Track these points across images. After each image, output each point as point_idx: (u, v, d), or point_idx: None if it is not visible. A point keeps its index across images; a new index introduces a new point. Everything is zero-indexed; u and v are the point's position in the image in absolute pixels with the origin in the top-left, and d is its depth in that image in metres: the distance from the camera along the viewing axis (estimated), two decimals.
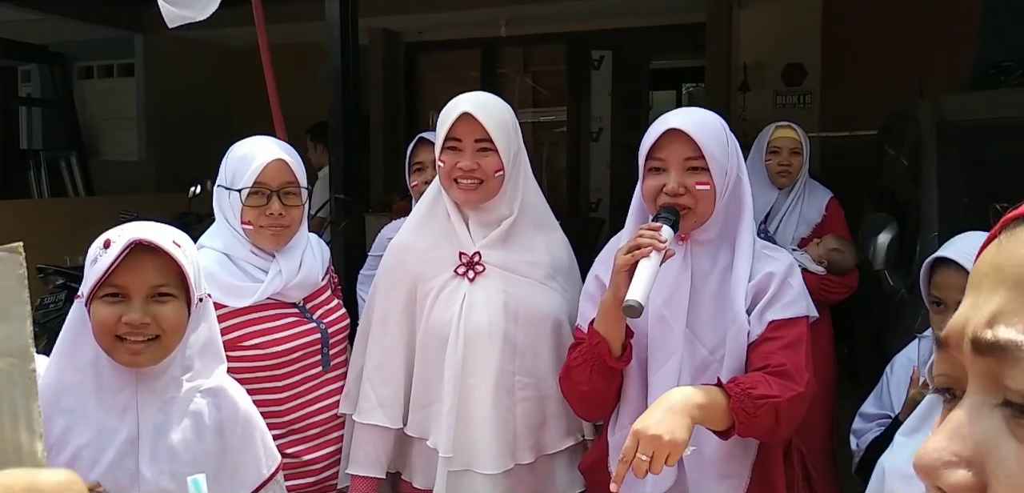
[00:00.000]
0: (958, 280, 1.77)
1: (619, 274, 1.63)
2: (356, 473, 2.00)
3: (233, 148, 2.01)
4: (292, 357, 1.95)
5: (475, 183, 1.91)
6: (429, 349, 1.96)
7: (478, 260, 1.95)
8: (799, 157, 3.26)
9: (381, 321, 2.00)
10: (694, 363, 1.73)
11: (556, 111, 7.64)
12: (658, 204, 1.72)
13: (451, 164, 1.91)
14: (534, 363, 1.95)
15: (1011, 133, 3.48)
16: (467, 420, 1.92)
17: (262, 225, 1.94)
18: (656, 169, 1.73)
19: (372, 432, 1.99)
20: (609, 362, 1.71)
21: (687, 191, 1.70)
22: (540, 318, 1.95)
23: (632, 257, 1.61)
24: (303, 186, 2.01)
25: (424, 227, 2.01)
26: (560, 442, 1.99)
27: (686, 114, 1.75)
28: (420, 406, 1.99)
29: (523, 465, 1.96)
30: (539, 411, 1.96)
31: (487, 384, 1.91)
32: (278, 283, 1.95)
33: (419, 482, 2.02)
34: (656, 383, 1.72)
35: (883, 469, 1.57)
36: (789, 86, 6.75)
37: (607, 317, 1.69)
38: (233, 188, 1.94)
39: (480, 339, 1.91)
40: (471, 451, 1.92)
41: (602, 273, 1.83)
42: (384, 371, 1.98)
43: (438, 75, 7.73)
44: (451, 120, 1.90)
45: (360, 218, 3.50)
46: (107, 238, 1.44)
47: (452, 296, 1.94)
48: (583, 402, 1.83)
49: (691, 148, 1.69)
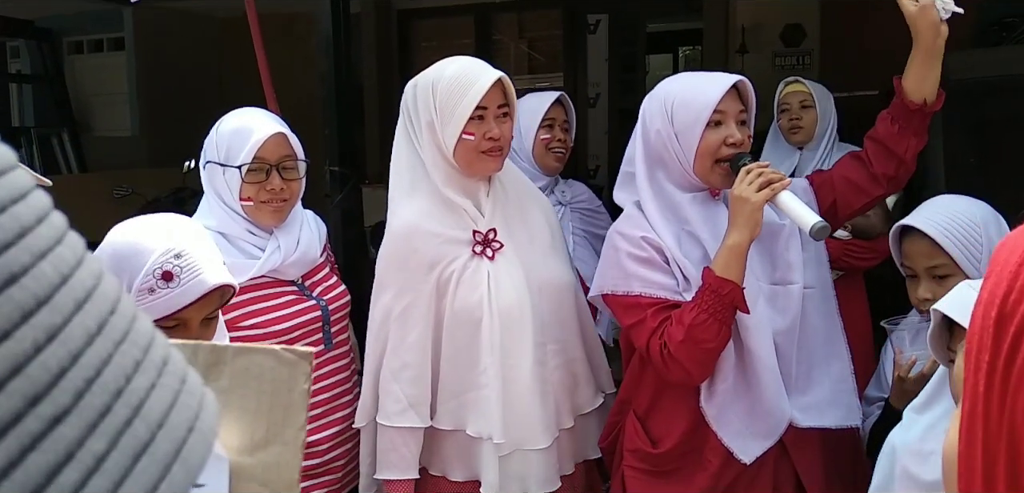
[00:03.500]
0: (925, 247, 1.73)
1: (758, 211, 1.67)
2: (392, 477, 1.93)
3: (222, 123, 1.95)
4: (293, 336, 1.91)
5: (499, 151, 1.88)
6: (458, 336, 1.88)
7: (494, 237, 1.91)
8: (811, 111, 3.15)
9: (403, 316, 1.88)
10: (765, 296, 1.79)
11: (552, 77, 7.55)
12: (720, 156, 1.77)
13: (481, 135, 1.85)
14: (560, 330, 1.96)
15: (1016, 90, 3.43)
16: (513, 401, 1.87)
17: (263, 200, 1.89)
18: (717, 122, 1.77)
19: (404, 434, 1.91)
20: (741, 308, 1.71)
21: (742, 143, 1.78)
22: (560, 286, 1.96)
23: (771, 192, 1.65)
24: (300, 159, 1.96)
25: (426, 210, 1.90)
26: (593, 400, 2.04)
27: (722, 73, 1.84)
28: (452, 396, 1.91)
29: (565, 430, 1.97)
30: (570, 375, 1.98)
31: (526, 360, 1.87)
32: (277, 258, 1.91)
33: (458, 475, 1.95)
34: (754, 325, 1.75)
35: (893, 446, 1.53)
36: (788, 47, 6.67)
37: (739, 259, 1.69)
38: (230, 164, 1.88)
39: (512, 317, 1.87)
40: (520, 431, 1.88)
41: (645, 233, 1.81)
42: (412, 369, 1.89)
43: (432, 43, 7.63)
44: (483, 89, 1.82)
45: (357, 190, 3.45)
46: (165, 269, 1.35)
47: (475, 277, 1.88)
48: (704, 362, 1.74)
49: (743, 102, 1.80)
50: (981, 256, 1.67)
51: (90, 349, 0.32)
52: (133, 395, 0.33)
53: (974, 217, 1.72)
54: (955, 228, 1.70)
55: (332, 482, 2.02)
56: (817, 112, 3.17)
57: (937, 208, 1.76)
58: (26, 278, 0.31)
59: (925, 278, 1.73)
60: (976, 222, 1.71)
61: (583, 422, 2.03)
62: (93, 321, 0.33)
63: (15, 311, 0.30)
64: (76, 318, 0.32)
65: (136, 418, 0.33)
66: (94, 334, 0.33)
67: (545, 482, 1.91)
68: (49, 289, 0.32)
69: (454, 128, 1.84)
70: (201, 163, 1.95)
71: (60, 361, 0.31)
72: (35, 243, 0.32)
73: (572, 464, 2.02)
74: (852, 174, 1.87)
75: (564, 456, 1.98)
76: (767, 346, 1.74)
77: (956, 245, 1.69)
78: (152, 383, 0.34)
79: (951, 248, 1.68)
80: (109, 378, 0.32)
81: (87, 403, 0.31)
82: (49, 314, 0.31)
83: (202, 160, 1.95)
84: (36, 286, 0.31)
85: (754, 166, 1.71)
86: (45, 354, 0.30)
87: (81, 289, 0.33)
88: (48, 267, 0.32)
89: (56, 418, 0.30)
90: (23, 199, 0.33)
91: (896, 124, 1.81)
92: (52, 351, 0.31)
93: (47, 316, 0.31)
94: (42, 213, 0.34)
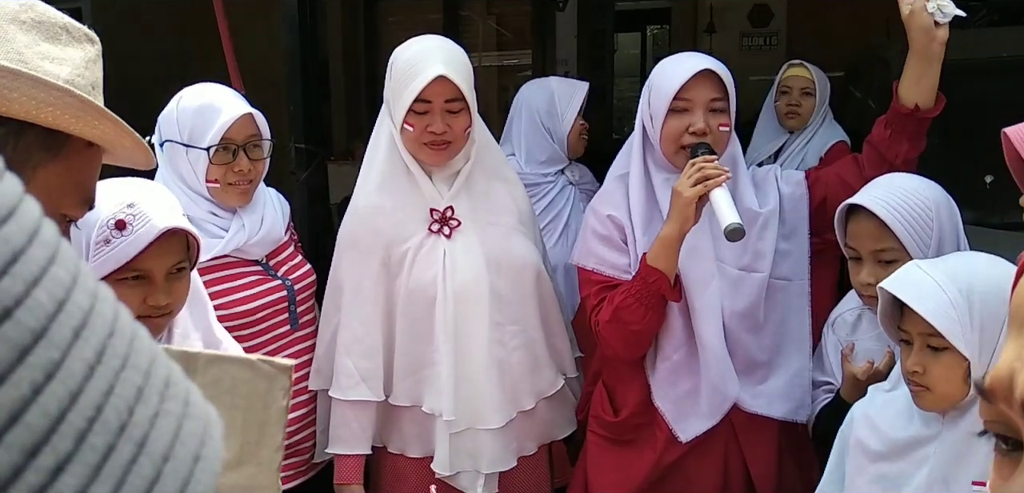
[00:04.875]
0: (872, 228, 1.62)
1: (689, 206, 1.67)
2: (341, 452, 1.93)
3: (183, 99, 1.87)
4: (258, 317, 1.88)
5: (445, 145, 1.83)
6: (413, 313, 1.89)
7: (451, 215, 1.89)
8: (810, 99, 3.11)
9: (354, 291, 1.91)
10: (728, 282, 1.80)
11: (521, 54, 7.52)
12: (681, 144, 1.76)
13: (421, 128, 1.82)
14: (521, 311, 1.94)
15: (980, 73, 3.47)
16: (466, 379, 1.88)
17: (230, 182, 1.84)
18: (680, 110, 1.76)
19: (356, 408, 1.91)
20: (668, 296, 1.76)
21: (709, 132, 1.74)
22: (522, 266, 1.94)
23: (703, 188, 1.66)
24: (266, 138, 1.91)
25: (386, 187, 1.91)
26: (555, 383, 2.01)
27: (706, 56, 1.81)
28: (408, 373, 1.92)
29: (524, 412, 1.96)
30: (531, 356, 1.96)
31: (481, 340, 1.88)
32: (241, 237, 1.87)
33: (414, 451, 1.97)
34: (701, 308, 1.79)
35: (852, 417, 1.55)
36: (755, 27, 6.71)
37: (669, 251, 1.72)
38: (196, 145, 1.82)
39: (468, 295, 1.87)
40: (473, 409, 1.89)
41: (611, 212, 1.86)
42: (364, 344, 1.90)
43: (399, 17, 7.54)
44: (422, 82, 1.78)
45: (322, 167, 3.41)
46: (118, 217, 1.36)
47: (431, 255, 1.88)
48: (631, 342, 1.82)
49: (717, 89, 1.76)
50: (930, 241, 1.59)
51: (90, 383, 0.29)
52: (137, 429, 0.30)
53: (926, 199, 1.61)
54: (905, 210, 1.60)
55: (298, 463, 2.00)
56: (816, 100, 3.15)
57: (887, 187, 1.65)
58: (21, 311, 0.28)
59: (869, 261, 1.64)
60: (928, 205, 1.61)
61: (546, 404, 2.02)
62: (92, 350, 0.30)
63: (11, 351, 0.27)
64: (75, 349, 0.29)
65: (141, 454, 0.30)
66: (94, 365, 0.29)
67: (498, 462, 1.92)
68: (45, 320, 0.28)
69: (398, 116, 1.84)
70: (157, 140, 1.88)
71: (60, 402, 0.28)
72: (28, 269, 0.28)
73: (534, 445, 2.01)
74: (847, 174, 1.87)
75: (523, 437, 1.98)
76: (712, 329, 1.78)
77: (906, 228, 1.58)
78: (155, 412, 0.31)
79: (900, 231, 1.58)
80: (111, 414, 0.29)
81: (89, 445, 0.28)
82: (46, 349, 0.28)
83: (158, 137, 1.88)
84: (32, 319, 0.28)
85: (698, 160, 1.70)
86: (44, 396, 0.27)
87: (78, 313, 0.30)
88: (43, 295, 0.29)
89: (58, 468, 0.27)
90: (12, 216, 0.29)
91: (888, 129, 1.80)
92: (51, 391, 0.28)
93: (45, 352, 0.28)
94: (33, 229, 0.30)
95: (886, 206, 1.61)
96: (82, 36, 1.00)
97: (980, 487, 1.30)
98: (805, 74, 3.16)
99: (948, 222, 1.62)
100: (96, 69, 1.01)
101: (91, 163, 1.00)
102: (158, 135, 1.89)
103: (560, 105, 2.71)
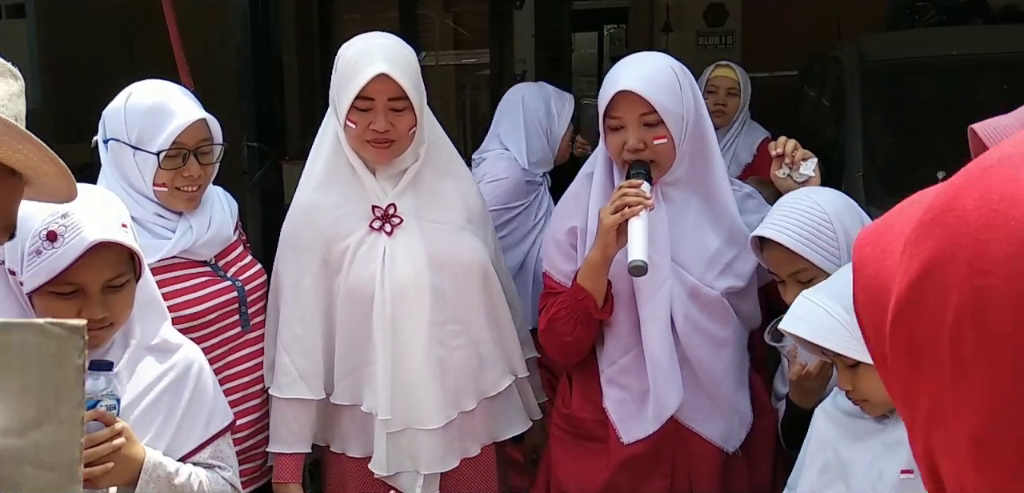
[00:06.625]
0: (781, 254, 1.67)
1: (608, 233, 1.69)
2: (280, 450, 1.91)
3: (132, 98, 1.80)
4: (208, 318, 1.83)
5: (388, 143, 1.80)
6: (352, 311, 1.87)
7: (393, 212, 1.86)
8: (735, 98, 3.24)
9: (293, 289, 1.88)
10: (685, 289, 1.78)
11: (478, 53, 7.49)
12: (623, 160, 1.76)
13: (363, 126, 1.79)
14: (464, 311, 1.91)
15: (932, 72, 3.55)
16: (403, 378, 1.85)
17: (178, 187, 1.78)
18: (614, 127, 1.75)
19: (294, 406, 1.89)
20: (595, 315, 1.78)
21: (646, 146, 1.73)
22: (466, 266, 1.91)
23: (621, 216, 1.66)
24: (218, 143, 1.86)
25: (328, 184, 1.88)
26: (500, 383, 1.98)
27: (636, 70, 1.77)
28: (348, 372, 1.90)
29: (465, 413, 1.93)
30: (475, 356, 1.93)
31: (419, 339, 1.85)
32: (188, 238, 1.82)
33: (355, 450, 1.95)
34: (648, 315, 1.78)
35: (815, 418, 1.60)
36: (711, 27, 6.78)
37: (594, 273, 1.74)
38: (144, 149, 1.75)
39: (407, 293, 1.84)
40: (410, 409, 1.86)
41: (572, 221, 1.87)
42: (302, 342, 1.88)
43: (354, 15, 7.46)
44: (363, 80, 1.75)
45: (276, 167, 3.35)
46: (50, 228, 1.33)
47: (371, 252, 1.85)
48: (565, 351, 1.88)
49: (644, 105, 1.72)
50: (838, 251, 1.62)
51: None
52: None
53: (823, 212, 1.65)
54: (805, 229, 1.63)
55: (252, 470, 1.95)
56: (741, 100, 3.24)
57: (785, 211, 1.69)
58: None
59: (791, 283, 1.67)
60: (826, 217, 1.64)
61: (490, 404, 1.99)
62: None
63: None
64: None
65: None
66: None
67: (437, 462, 1.90)
68: None
69: (341, 113, 1.81)
70: (101, 137, 1.81)
71: None
72: None
73: (477, 446, 1.99)
74: None
75: (466, 438, 1.96)
76: (657, 336, 1.77)
77: (809, 247, 1.62)
78: None
79: (805, 251, 1.62)
80: None
81: None
82: None
83: (103, 134, 1.81)
84: None
85: (624, 185, 1.70)
86: None
87: None
88: None
89: None
90: None
91: None
92: None
93: None
94: None
95: (785, 232, 1.65)
96: (6, 71, 1.02)
97: (907, 475, 1.38)
98: (731, 75, 3.28)
99: (852, 226, 1.64)
100: (20, 103, 1.03)
101: (12, 192, 1.01)
102: (102, 131, 1.82)
103: (556, 108, 2.85)
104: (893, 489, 1.40)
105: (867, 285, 0.47)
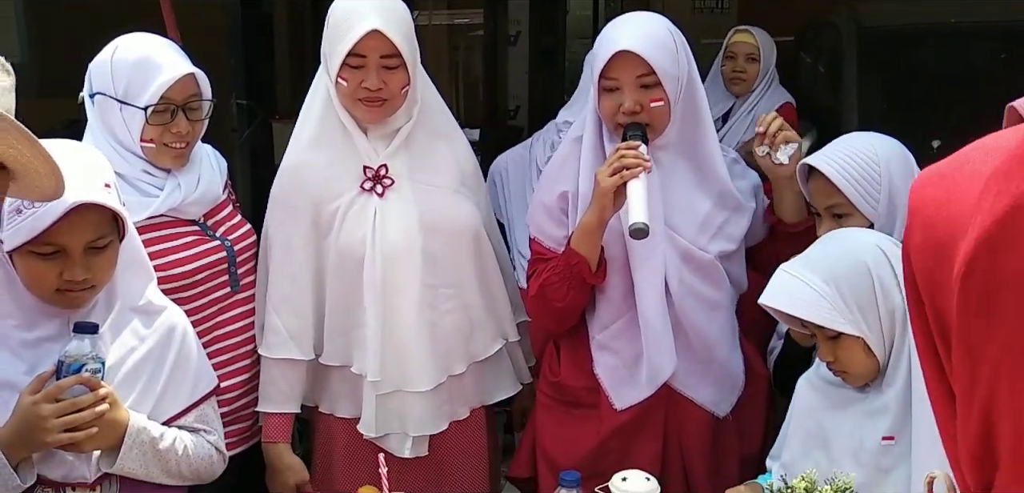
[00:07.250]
0: (824, 186, 1.69)
1: (605, 195, 1.67)
2: (269, 410, 1.91)
3: (118, 51, 1.77)
4: (197, 279, 1.81)
5: (380, 102, 1.78)
6: (343, 272, 1.86)
7: (385, 173, 1.84)
8: (755, 64, 3.15)
9: (283, 249, 1.87)
10: (678, 253, 1.77)
11: (471, 14, 7.39)
12: (617, 123, 1.73)
13: (355, 83, 1.76)
14: (455, 274, 1.90)
15: (928, 38, 3.54)
16: (393, 340, 1.85)
17: (166, 143, 1.76)
18: (609, 89, 1.73)
19: (283, 366, 1.89)
20: (588, 279, 1.76)
21: (643, 108, 1.71)
22: (458, 229, 1.90)
23: (620, 178, 1.64)
24: (207, 99, 1.83)
25: (319, 144, 1.86)
26: (490, 347, 1.98)
27: (634, 29, 1.75)
28: (338, 333, 1.90)
29: (455, 376, 1.93)
30: (466, 320, 1.93)
31: (410, 301, 1.84)
32: (177, 196, 1.80)
33: (344, 411, 1.95)
34: (643, 279, 1.77)
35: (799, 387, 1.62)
36: None
37: (589, 237, 1.73)
38: (132, 103, 1.72)
39: (398, 255, 1.83)
40: (400, 371, 1.86)
41: (562, 185, 1.84)
42: (292, 302, 1.87)
43: None
44: (355, 36, 1.72)
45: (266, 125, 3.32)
46: None
47: (361, 214, 1.83)
48: (557, 317, 1.86)
49: (642, 66, 1.70)
50: (878, 196, 1.64)
51: None
52: None
53: (875, 155, 1.67)
54: (852, 167, 1.66)
55: (241, 431, 1.95)
56: (760, 66, 3.18)
57: (839, 146, 1.73)
58: None
59: (826, 217, 1.71)
60: (876, 160, 1.66)
61: (480, 368, 1.99)
62: None
63: None
64: None
65: None
66: None
67: (426, 425, 1.90)
68: None
69: (333, 70, 1.79)
70: (87, 92, 1.78)
71: None
72: None
73: (466, 410, 1.99)
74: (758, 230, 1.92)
75: (455, 401, 1.96)
76: (651, 301, 1.77)
77: (852, 185, 1.65)
78: None
79: (846, 187, 1.64)
80: None
81: None
82: None
83: (89, 88, 1.78)
84: None
85: (621, 146, 1.68)
86: None
87: None
88: None
89: None
90: None
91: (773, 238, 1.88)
92: None
93: None
94: None
95: (833, 165, 1.68)
96: None
97: (888, 441, 1.42)
98: (750, 39, 3.20)
99: (899, 176, 1.66)
100: (10, 98, 1.06)
101: None
102: (89, 86, 1.79)
103: None
104: (874, 456, 1.43)
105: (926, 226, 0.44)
